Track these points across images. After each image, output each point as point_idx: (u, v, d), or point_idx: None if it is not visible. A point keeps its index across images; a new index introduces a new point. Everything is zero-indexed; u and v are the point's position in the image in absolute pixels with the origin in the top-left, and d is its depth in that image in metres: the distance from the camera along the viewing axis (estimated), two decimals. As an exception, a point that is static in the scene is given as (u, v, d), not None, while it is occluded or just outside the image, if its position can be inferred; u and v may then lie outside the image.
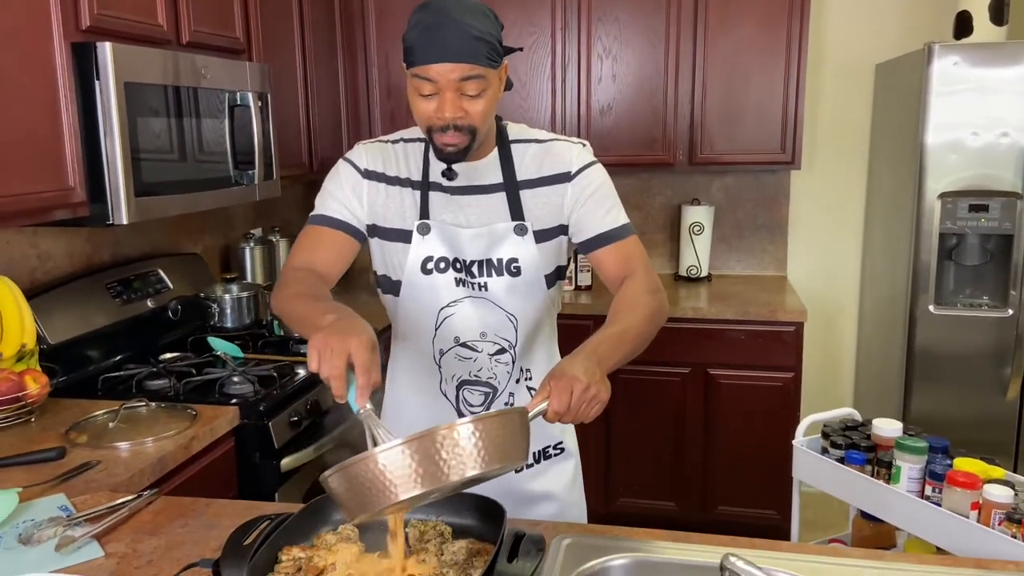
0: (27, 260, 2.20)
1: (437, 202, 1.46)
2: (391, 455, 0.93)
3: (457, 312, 1.46)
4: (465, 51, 1.27)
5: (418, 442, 0.94)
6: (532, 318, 1.50)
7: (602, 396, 1.16)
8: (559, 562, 1.20)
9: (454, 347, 1.48)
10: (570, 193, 1.46)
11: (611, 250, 1.46)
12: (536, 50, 3.25)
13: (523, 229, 1.44)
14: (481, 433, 0.96)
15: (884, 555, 1.27)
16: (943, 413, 2.78)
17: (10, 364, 1.88)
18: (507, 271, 1.45)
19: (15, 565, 1.19)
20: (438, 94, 1.30)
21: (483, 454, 0.96)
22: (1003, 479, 1.63)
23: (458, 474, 0.95)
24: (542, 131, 1.53)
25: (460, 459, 0.95)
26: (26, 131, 1.74)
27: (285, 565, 1.07)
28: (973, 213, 2.65)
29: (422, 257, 1.45)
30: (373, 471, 0.93)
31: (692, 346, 3.06)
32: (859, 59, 3.39)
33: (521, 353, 1.50)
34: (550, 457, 1.58)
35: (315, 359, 1.09)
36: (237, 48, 2.49)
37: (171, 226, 2.79)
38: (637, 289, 1.40)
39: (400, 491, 0.93)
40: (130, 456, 1.67)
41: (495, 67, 1.33)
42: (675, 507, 3.19)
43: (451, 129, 1.32)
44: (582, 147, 1.50)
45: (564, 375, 1.14)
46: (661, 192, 3.62)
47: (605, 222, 1.46)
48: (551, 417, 1.13)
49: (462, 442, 0.95)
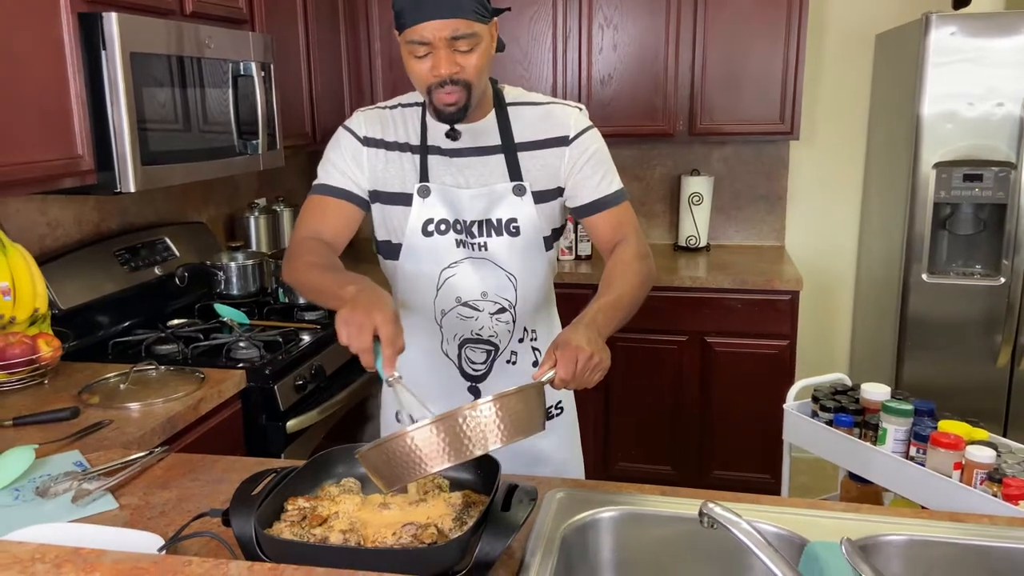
0: (37, 228, 2.25)
1: (436, 165, 1.50)
2: (422, 433, 1.03)
3: (458, 272, 1.51)
4: (453, 6, 1.30)
5: (444, 421, 1.03)
6: (531, 278, 1.54)
7: (605, 363, 1.24)
8: (551, 514, 1.26)
9: (456, 307, 1.53)
10: (568, 157, 1.50)
11: (605, 216, 1.51)
12: (537, 20, 3.26)
13: (522, 189, 1.48)
14: (501, 410, 1.05)
15: (860, 507, 1.33)
16: (935, 380, 2.84)
17: (23, 328, 1.93)
18: (506, 231, 1.49)
19: (33, 516, 1.26)
20: (432, 53, 1.34)
21: (504, 428, 1.06)
22: (987, 441, 1.69)
23: (481, 448, 1.05)
24: (539, 94, 1.56)
25: (483, 434, 1.05)
26: (35, 100, 1.78)
27: (291, 514, 1.13)
28: (967, 183, 2.68)
29: (423, 219, 1.49)
30: (407, 447, 1.03)
31: (689, 314, 3.11)
32: (860, 29, 3.40)
33: (521, 312, 1.55)
34: (552, 417, 1.64)
35: (344, 334, 1.18)
36: (240, 18, 2.51)
37: (177, 195, 2.83)
38: (628, 255, 1.46)
39: (431, 465, 1.04)
40: (141, 416, 1.73)
41: (485, 22, 1.36)
42: (672, 471, 3.26)
43: (448, 84, 1.35)
44: (579, 111, 1.54)
45: (569, 345, 1.21)
46: (661, 163, 3.65)
47: (600, 188, 1.51)
48: (558, 384, 1.22)
49: (484, 419, 1.05)
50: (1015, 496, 1.53)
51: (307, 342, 2.28)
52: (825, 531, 1.21)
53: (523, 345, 1.58)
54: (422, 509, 1.15)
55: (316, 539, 1.08)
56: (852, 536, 1.21)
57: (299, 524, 1.11)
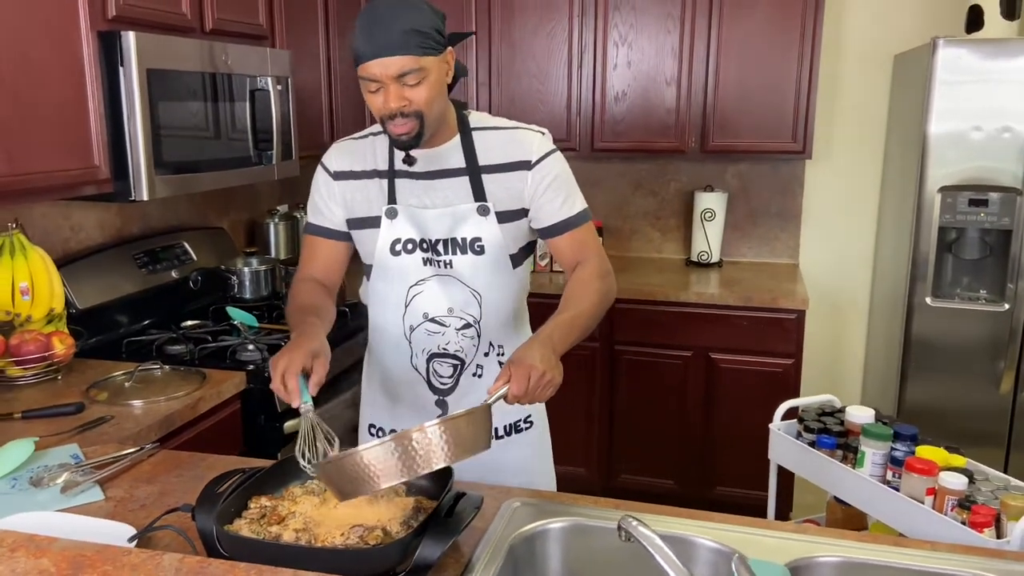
0: (60, 231, 2.38)
1: (404, 188, 1.58)
2: (374, 452, 1.12)
3: (425, 289, 1.59)
4: (397, 45, 1.38)
5: (395, 442, 1.12)
6: (496, 294, 1.61)
7: (556, 380, 1.33)
8: (503, 522, 1.32)
9: (423, 323, 1.61)
10: (530, 181, 1.56)
11: (566, 238, 1.58)
12: (554, 36, 3.33)
13: (485, 209, 1.55)
14: (447, 432, 1.14)
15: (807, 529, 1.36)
16: (937, 404, 2.83)
17: (40, 326, 2.06)
18: (471, 249, 1.56)
19: (24, 503, 1.36)
20: (382, 88, 1.42)
21: (450, 448, 1.14)
22: (963, 468, 1.71)
23: (427, 467, 1.13)
24: (503, 119, 1.62)
25: (430, 454, 1.13)
26: (55, 113, 1.90)
27: (252, 511, 1.21)
28: (973, 207, 2.67)
29: (391, 240, 1.58)
30: (360, 464, 1.12)
31: (695, 330, 3.14)
32: (878, 49, 3.39)
33: (486, 327, 1.62)
34: (520, 431, 1.70)
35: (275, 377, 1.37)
36: (260, 34, 2.62)
37: (199, 201, 2.96)
38: (587, 274, 1.54)
39: (382, 481, 1.12)
40: (141, 413, 1.83)
41: (435, 54, 1.42)
42: (675, 485, 3.29)
43: (399, 117, 1.43)
44: (542, 136, 1.59)
45: (523, 362, 1.30)
46: (676, 178, 3.68)
47: (562, 211, 1.57)
48: (510, 400, 1.29)
49: (432, 441, 1.13)
50: (981, 524, 1.55)
51: (310, 347, 2.37)
52: (765, 550, 1.26)
53: (489, 359, 1.64)
54: (374, 510, 1.22)
55: (270, 536, 1.16)
56: (790, 556, 1.25)
57: (258, 522, 1.19)
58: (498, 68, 3.41)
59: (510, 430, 1.69)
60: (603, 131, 3.37)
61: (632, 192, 3.74)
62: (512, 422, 1.69)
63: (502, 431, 1.68)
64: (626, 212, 3.77)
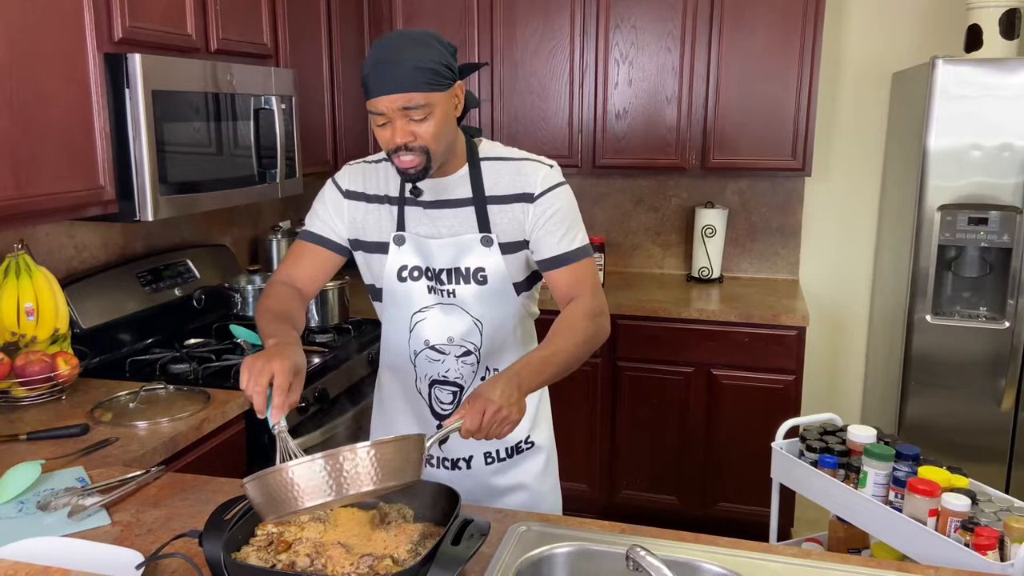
0: (65, 250, 2.39)
1: (412, 216, 1.59)
2: (302, 469, 1.08)
3: (428, 317, 1.60)
4: (405, 82, 1.39)
5: (323, 459, 1.08)
6: (499, 323, 1.62)
7: (512, 417, 1.30)
8: (510, 547, 1.32)
9: (425, 349, 1.62)
10: (531, 214, 1.56)
11: (563, 272, 1.57)
12: (555, 55, 3.35)
13: (489, 240, 1.56)
14: (377, 455, 1.11)
15: (810, 553, 1.36)
16: (938, 421, 2.84)
17: (44, 347, 2.06)
18: (474, 279, 1.57)
19: (32, 528, 1.36)
20: (389, 122, 1.43)
21: (378, 472, 1.10)
22: (965, 489, 1.71)
23: (355, 488, 1.09)
24: (514, 149, 1.63)
25: (358, 476, 1.09)
26: (62, 135, 1.91)
27: (259, 539, 1.22)
28: (972, 226, 2.69)
29: (398, 266, 1.59)
30: (285, 481, 1.08)
31: (696, 346, 3.15)
32: (877, 66, 3.42)
33: (487, 354, 1.63)
34: (521, 452, 1.71)
35: (244, 377, 1.29)
36: (264, 54, 2.64)
37: (202, 219, 2.97)
38: (577, 313, 1.52)
39: (307, 500, 1.08)
40: (146, 434, 1.83)
41: (441, 90, 1.44)
42: (677, 501, 3.29)
43: (403, 151, 1.44)
44: (549, 168, 1.59)
45: (480, 397, 1.29)
46: (677, 194, 3.70)
47: (560, 245, 1.56)
48: (464, 435, 1.29)
49: (360, 462, 1.09)
50: (984, 546, 1.55)
51: (314, 365, 2.38)
52: (769, 574, 1.26)
53: None
54: (381, 537, 1.23)
55: (283, 564, 1.16)
56: (794, 581, 1.26)
57: (265, 549, 1.19)
58: (500, 86, 3.43)
59: (512, 452, 1.70)
60: (604, 148, 3.39)
61: (633, 208, 3.76)
62: (513, 444, 1.70)
63: (504, 453, 1.69)
64: (627, 228, 3.78)
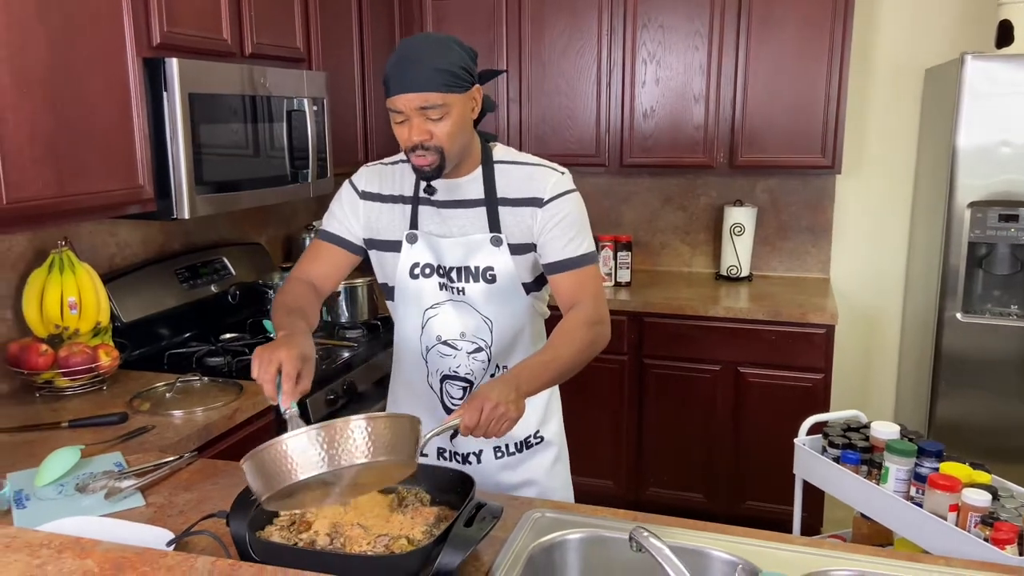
0: (107, 247, 2.48)
1: (425, 215, 1.64)
2: (295, 441, 1.10)
3: (440, 313, 1.65)
4: (424, 82, 1.44)
5: (317, 430, 1.10)
6: (508, 321, 1.66)
7: (510, 415, 1.34)
8: (524, 532, 1.37)
9: (437, 344, 1.67)
10: (539, 219, 1.59)
11: (566, 277, 1.60)
12: (582, 54, 3.39)
13: (499, 240, 1.60)
14: (370, 428, 1.13)
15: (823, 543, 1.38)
16: (968, 420, 2.81)
17: (87, 339, 2.15)
18: (483, 278, 1.62)
19: (69, 508, 1.44)
20: (407, 120, 1.48)
21: (371, 446, 1.12)
22: (987, 484, 1.71)
23: (348, 460, 1.11)
24: (528, 155, 1.67)
25: (352, 448, 1.11)
26: (103, 136, 2.00)
27: (282, 519, 1.28)
28: (1003, 223, 2.66)
29: (410, 263, 1.64)
30: (280, 454, 1.10)
31: (724, 344, 3.15)
32: (909, 62, 3.39)
33: (498, 352, 1.67)
34: (531, 446, 1.75)
35: (255, 365, 1.35)
36: (297, 57, 2.71)
37: (238, 218, 3.06)
38: (577, 320, 1.55)
39: (299, 472, 1.10)
40: (181, 423, 1.91)
41: (460, 92, 1.48)
42: (704, 499, 3.30)
43: (419, 149, 1.49)
44: (560, 175, 1.62)
45: (478, 396, 1.33)
46: (706, 192, 3.71)
47: (565, 251, 1.59)
48: (462, 431, 1.33)
49: (353, 434, 1.11)
50: (1003, 540, 1.55)
51: (343, 359, 2.45)
52: (778, 562, 1.28)
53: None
54: (398, 519, 1.27)
55: (304, 543, 1.22)
56: (804, 569, 1.28)
57: (288, 528, 1.25)
58: (528, 86, 3.47)
59: (521, 447, 1.74)
60: (632, 147, 3.41)
61: (661, 207, 3.77)
62: (522, 439, 1.74)
63: (513, 448, 1.74)
64: (656, 227, 3.80)
